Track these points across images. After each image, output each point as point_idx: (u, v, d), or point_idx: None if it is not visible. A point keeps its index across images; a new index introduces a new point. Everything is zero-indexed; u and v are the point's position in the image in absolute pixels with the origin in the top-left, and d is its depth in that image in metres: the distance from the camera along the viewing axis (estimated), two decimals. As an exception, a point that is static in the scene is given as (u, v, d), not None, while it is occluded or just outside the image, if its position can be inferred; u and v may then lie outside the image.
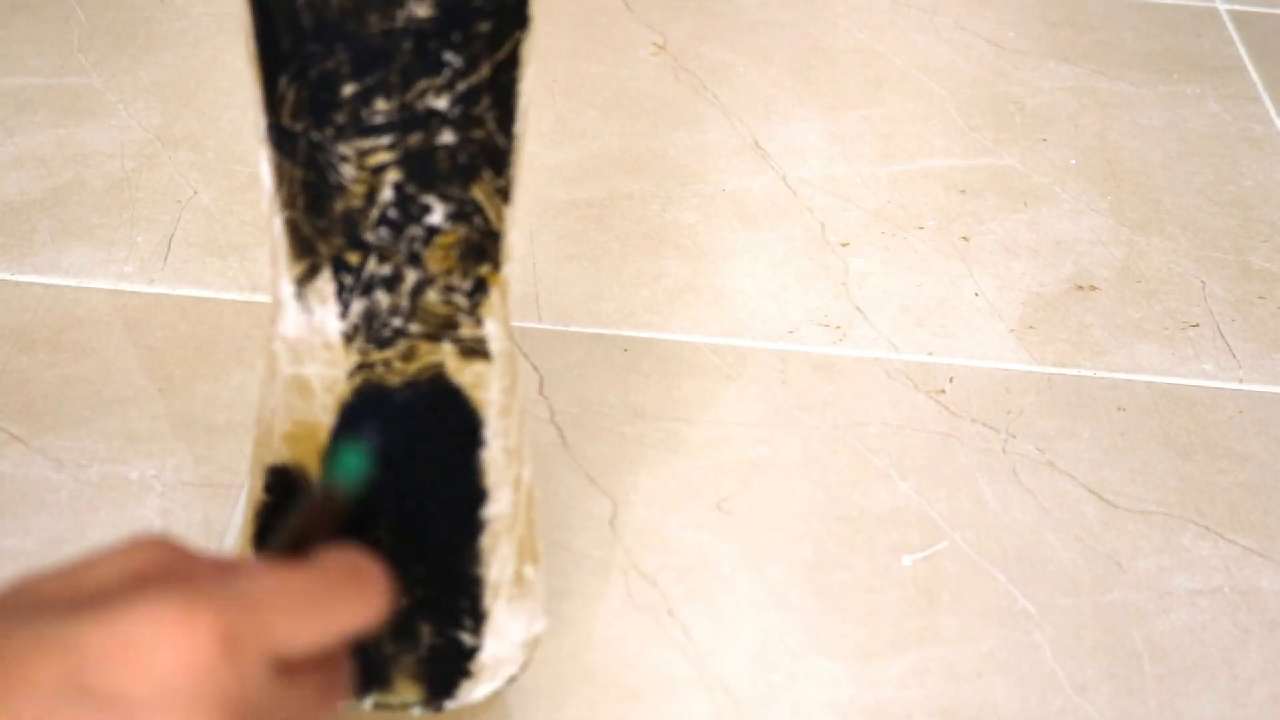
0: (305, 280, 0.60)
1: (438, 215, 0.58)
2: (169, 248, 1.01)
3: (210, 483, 0.83)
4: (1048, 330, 1.00)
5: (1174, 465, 0.90)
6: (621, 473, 0.86)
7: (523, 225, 1.05)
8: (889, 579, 0.81)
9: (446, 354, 0.60)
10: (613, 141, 1.15)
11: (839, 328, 0.98)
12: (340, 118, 0.55)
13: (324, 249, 0.59)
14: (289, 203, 0.58)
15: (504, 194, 0.59)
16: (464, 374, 0.61)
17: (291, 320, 0.61)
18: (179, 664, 0.33)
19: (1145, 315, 1.02)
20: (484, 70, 0.55)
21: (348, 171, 0.57)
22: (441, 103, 0.55)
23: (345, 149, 0.56)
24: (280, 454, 0.63)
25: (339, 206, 0.57)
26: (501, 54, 0.56)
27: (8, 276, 0.98)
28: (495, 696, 0.72)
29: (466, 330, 0.60)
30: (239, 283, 0.98)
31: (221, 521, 0.81)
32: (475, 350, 0.61)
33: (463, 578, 0.64)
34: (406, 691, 0.66)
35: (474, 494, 0.63)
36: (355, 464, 0.43)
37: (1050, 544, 0.84)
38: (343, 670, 0.41)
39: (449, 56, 0.55)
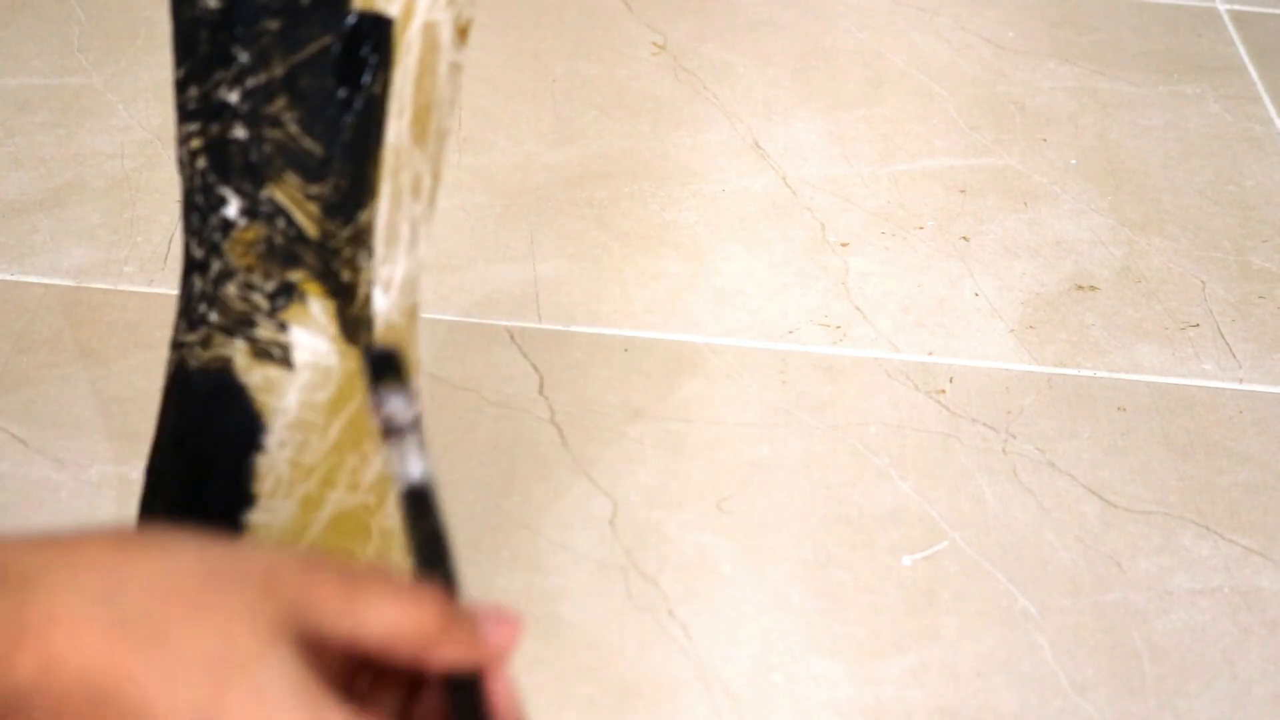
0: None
1: (232, 209, 0.59)
2: (169, 248, 1.01)
3: (210, 483, 0.83)
4: (1048, 330, 1.00)
5: (1174, 465, 0.90)
6: (621, 473, 0.86)
7: (523, 225, 1.05)
8: (889, 579, 0.81)
9: (237, 350, 0.60)
10: (613, 141, 1.15)
11: (839, 328, 0.98)
12: (178, 99, 0.59)
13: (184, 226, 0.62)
14: None
15: (325, 203, 0.58)
16: (252, 374, 0.60)
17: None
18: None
19: (1145, 315, 1.02)
20: (277, 69, 0.56)
21: (181, 153, 0.60)
22: (233, 96, 0.57)
23: (180, 130, 0.59)
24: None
25: (184, 185, 0.60)
26: (302, 55, 0.56)
27: (8, 276, 0.98)
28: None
29: (264, 332, 0.60)
30: (239, 283, 0.98)
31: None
32: (269, 354, 0.60)
33: None
34: None
35: (238, 496, 0.61)
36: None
37: (1050, 544, 0.84)
38: None
39: (236, 50, 0.56)
